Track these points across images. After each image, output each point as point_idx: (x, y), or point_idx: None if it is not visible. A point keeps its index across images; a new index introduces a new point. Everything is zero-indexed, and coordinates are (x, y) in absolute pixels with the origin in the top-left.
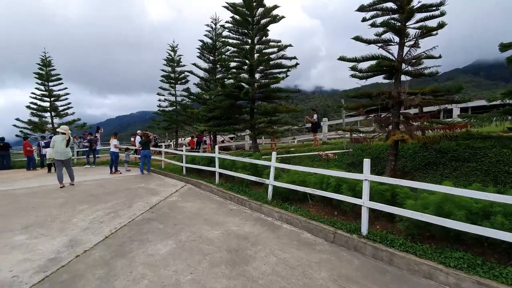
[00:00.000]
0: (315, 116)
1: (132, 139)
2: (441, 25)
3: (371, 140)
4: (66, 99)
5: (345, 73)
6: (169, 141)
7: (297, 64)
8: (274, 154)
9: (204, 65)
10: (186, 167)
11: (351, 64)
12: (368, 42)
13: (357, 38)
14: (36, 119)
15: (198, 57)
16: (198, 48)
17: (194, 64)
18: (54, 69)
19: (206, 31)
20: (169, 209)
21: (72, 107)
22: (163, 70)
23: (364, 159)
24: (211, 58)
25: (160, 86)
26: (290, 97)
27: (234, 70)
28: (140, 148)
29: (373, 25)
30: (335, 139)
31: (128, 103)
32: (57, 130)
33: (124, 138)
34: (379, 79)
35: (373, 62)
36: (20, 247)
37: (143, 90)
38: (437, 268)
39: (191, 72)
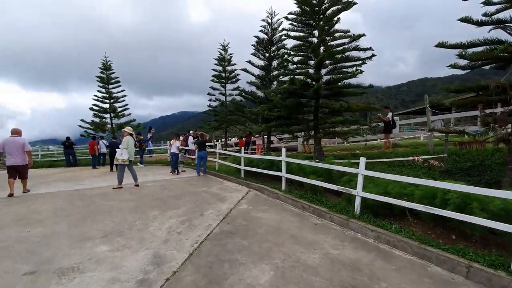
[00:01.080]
0: (389, 115)
1: (174, 140)
2: None
3: (482, 144)
4: (123, 100)
5: (389, 69)
6: (215, 141)
7: (373, 55)
8: (363, 160)
9: (259, 62)
10: (245, 170)
11: (448, 51)
12: (480, 23)
13: (465, 20)
14: (97, 120)
15: (252, 54)
16: (253, 45)
17: (249, 62)
18: (113, 72)
19: (261, 26)
20: (244, 219)
21: (128, 108)
22: (214, 70)
23: None
24: (266, 54)
25: (211, 86)
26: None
27: (295, 66)
28: (196, 149)
29: (487, 2)
30: (399, 139)
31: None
32: (125, 130)
33: (165, 137)
34: (428, 72)
35: (481, 48)
36: (104, 261)
37: (185, 91)
38: None
39: (245, 70)
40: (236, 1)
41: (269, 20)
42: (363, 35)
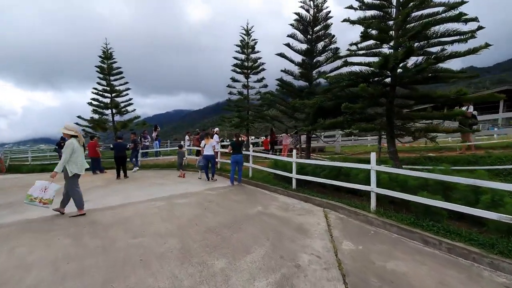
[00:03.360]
0: (470, 109)
1: (187, 137)
2: None
3: None
4: (127, 94)
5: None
6: (231, 140)
7: (480, 28)
8: None
9: (300, 46)
10: (297, 179)
11: None
12: None
13: None
14: (96, 117)
15: (289, 36)
16: (292, 25)
17: (287, 45)
18: (115, 62)
19: (301, 2)
20: (378, 278)
21: (132, 104)
22: (235, 58)
23: None
24: (308, 36)
25: (231, 77)
26: None
27: (365, 45)
28: (230, 152)
29: None
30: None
31: (166, 102)
32: (64, 131)
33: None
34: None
35: None
36: None
37: (181, 90)
38: None
39: (282, 55)
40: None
41: None
42: (465, 1)
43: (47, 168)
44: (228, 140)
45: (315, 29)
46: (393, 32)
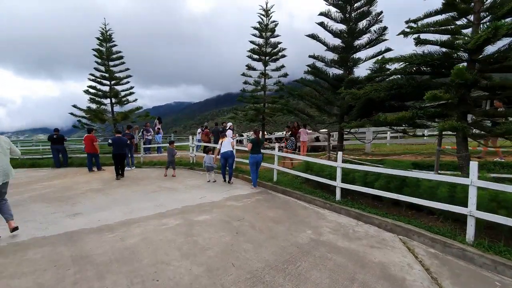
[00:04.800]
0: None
1: (199, 130)
2: None
3: None
4: (128, 82)
5: None
6: (248, 134)
7: None
8: None
9: (335, 26)
10: (341, 188)
11: None
12: None
13: None
14: (94, 106)
15: (322, 14)
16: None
17: (321, 24)
18: (115, 45)
19: None
20: None
21: (134, 93)
22: (252, 42)
23: None
24: (346, 14)
25: (247, 64)
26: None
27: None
28: (250, 150)
29: None
30: None
31: (166, 94)
32: None
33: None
34: None
35: None
36: None
37: (182, 81)
38: None
39: (313, 36)
40: None
41: None
42: None
43: (37, 163)
44: (237, 135)
45: (355, 4)
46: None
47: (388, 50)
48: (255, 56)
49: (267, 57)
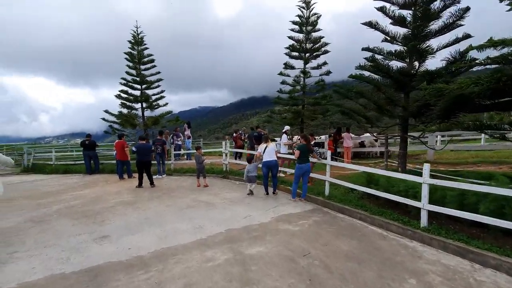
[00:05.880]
0: None
1: (234, 135)
2: None
3: None
4: (158, 86)
5: None
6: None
7: None
8: None
9: (400, 12)
10: (427, 211)
11: None
12: None
13: None
14: (125, 111)
15: None
16: None
17: (381, 9)
18: (146, 48)
19: None
20: None
21: (164, 97)
22: (290, 38)
23: None
24: None
25: (285, 62)
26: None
27: None
28: (297, 158)
29: None
30: None
31: (192, 99)
32: None
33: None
34: None
35: None
36: None
37: (207, 86)
38: None
39: (371, 24)
40: None
41: None
42: None
43: (70, 169)
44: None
45: None
46: None
47: (467, 36)
48: (294, 54)
49: (307, 54)
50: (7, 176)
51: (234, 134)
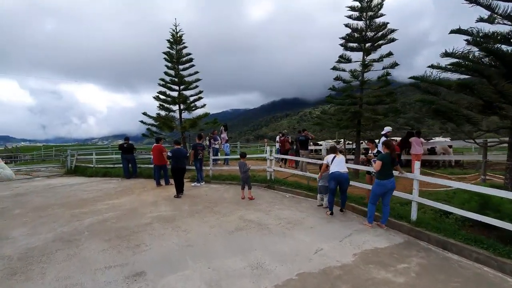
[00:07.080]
0: None
1: (277, 138)
2: None
3: None
4: (196, 87)
5: None
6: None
7: None
8: None
9: None
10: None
11: None
12: None
13: None
14: (163, 113)
15: None
16: None
17: None
18: (185, 47)
19: None
20: None
21: (202, 97)
22: (347, 26)
23: None
24: None
25: (340, 55)
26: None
27: None
28: (377, 172)
29: None
30: None
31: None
32: None
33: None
34: None
35: None
36: None
37: (239, 89)
38: None
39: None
40: None
41: None
42: None
43: (109, 172)
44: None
45: None
46: None
47: None
48: (351, 45)
49: (368, 44)
50: (51, 178)
51: (280, 137)
